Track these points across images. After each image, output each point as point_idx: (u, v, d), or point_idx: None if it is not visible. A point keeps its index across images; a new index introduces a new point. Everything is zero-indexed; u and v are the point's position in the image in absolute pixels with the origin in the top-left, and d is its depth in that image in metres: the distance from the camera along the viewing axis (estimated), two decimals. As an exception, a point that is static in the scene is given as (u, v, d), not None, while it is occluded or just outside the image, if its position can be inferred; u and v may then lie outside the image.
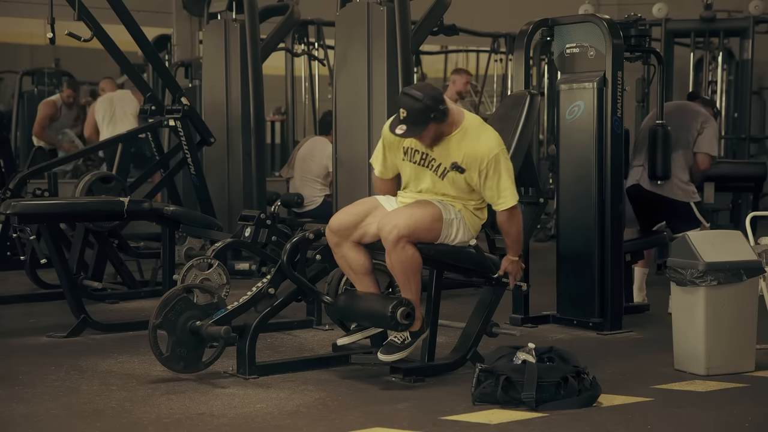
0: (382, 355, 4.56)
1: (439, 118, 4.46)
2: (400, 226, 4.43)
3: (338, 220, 4.63)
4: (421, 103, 4.42)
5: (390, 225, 4.44)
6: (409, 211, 4.51)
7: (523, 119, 4.98)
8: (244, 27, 7.75)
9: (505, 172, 4.52)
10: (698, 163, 6.43)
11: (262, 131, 7.87)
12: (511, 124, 4.99)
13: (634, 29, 6.09)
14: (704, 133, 6.44)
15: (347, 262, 4.67)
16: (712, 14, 10.52)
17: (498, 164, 4.49)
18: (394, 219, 4.47)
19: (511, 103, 5.13)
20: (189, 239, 6.71)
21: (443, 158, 4.55)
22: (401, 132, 4.47)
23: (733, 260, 4.73)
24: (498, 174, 4.50)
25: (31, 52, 13.61)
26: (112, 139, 8.77)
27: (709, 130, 6.46)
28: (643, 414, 4.13)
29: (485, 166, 4.49)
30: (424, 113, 4.42)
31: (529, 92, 5.12)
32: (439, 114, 4.45)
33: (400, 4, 6.36)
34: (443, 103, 4.47)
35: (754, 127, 11.75)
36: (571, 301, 5.94)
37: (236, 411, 4.15)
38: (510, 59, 11.79)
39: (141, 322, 5.35)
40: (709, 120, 6.49)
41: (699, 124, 6.44)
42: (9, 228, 6.77)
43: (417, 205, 4.55)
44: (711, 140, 6.46)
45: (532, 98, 5.06)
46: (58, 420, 4.06)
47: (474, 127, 4.55)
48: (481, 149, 4.49)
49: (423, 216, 4.50)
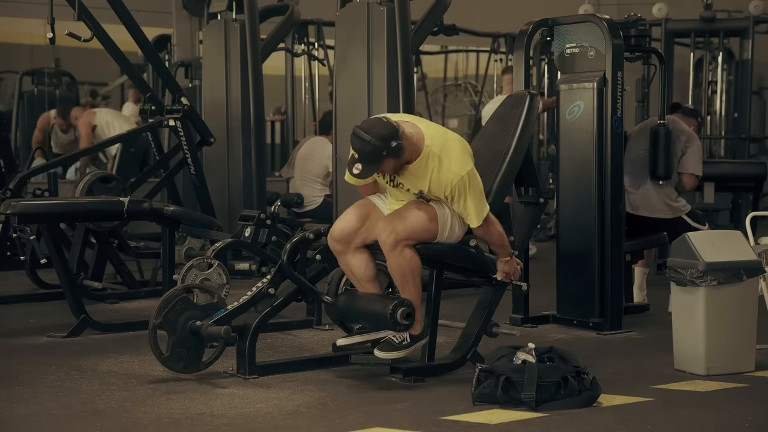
0: (378, 351, 4.57)
1: (393, 154, 4.35)
2: (398, 230, 4.43)
3: (339, 228, 4.62)
4: (370, 145, 4.31)
5: (387, 230, 4.45)
6: (405, 214, 4.50)
7: (523, 119, 4.97)
8: (244, 27, 7.76)
9: (470, 194, 4.44)
10: (683, 183, 6.52)
11: (262, 131, 7.88)
12: (511, 124, 4.98)
13: (634, 29, 6.10)
14: (688, 153, 6.50)
15: (351, 270, 4.68)
16: (712, 14, 10.52)
17: (462, 188, 4.43)
18: (392, 224, 4.47)
19: (511, 103, 5.13)
20: (189, 239, 6.71)
21: (410, 184, 4.51)
22: (357, 172, 4.40)
23: (733, 260, 4.73)
24: (463, 197, 4.44)
25: (31, 52, 13.60)
26: (112, 139, 8.78)
27: (693, 149, 6.51)
28: (643, 414, 4.13)
29: (449, 192, 4.44)
30: (375, 153, 4.32)
31: (529, 92, 5.12)
32: (392, 150, 4.33)
33: (400, 4, 6.36)
34: (396, 139, 4.32)
35: (754, 127, 11.75)
36: (571, 301, 5.94)
37: (236, 411, 4.15)
38: (510, 59, 11.80)
39: (141, 322, 5.35)
40: (691, 139, 6.54)
41: (682, 144, 6.49)
42: (9, 228, 6.78)
43: (411, 206, 4.53)
44: (695, 160, 6.52)
45: (532, 98, 5.05)
46: (58, 420, 4.06)
47: (435, 152, 4.41)
48: (444, 178, 4.41)
49: (419, 217, 4.50)
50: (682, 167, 6.49)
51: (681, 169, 6.49)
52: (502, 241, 4.67)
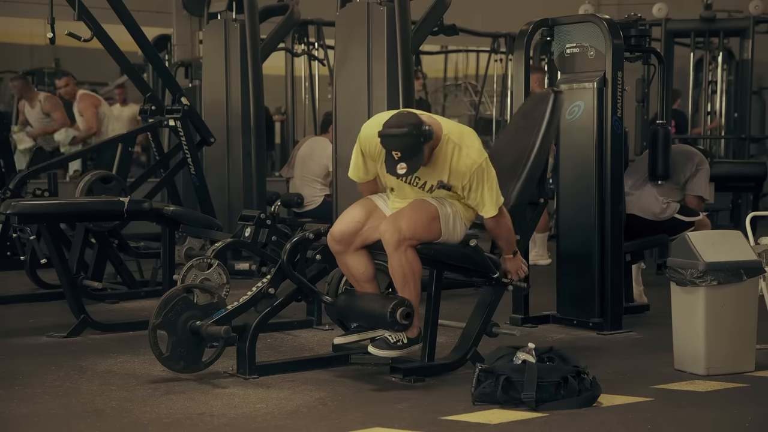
0: (372, 348, 4.56)
1: (428, 138, 4.37)
2: (402, 230, 4.43)
3: (340, 229, 4.62)
4: (409, 136, 4.31)
5: (391, 229, 4.44)
6: (408, 214, 4.49)
7: (547, 118, 4.98)
8: (244, 27, 7.75)
9: (487, 183, 4.47)
10: (689, 203, 6.53)
11: (262, 131, 7.87)
12: (534, 123, 5.00)
13: (634, 29, 6.09)
14: (698, 176, 6.52)
15: (350, 270, 4.68)
16: (712, 14, 10.52)
17: (481, 177, 4.45)
18: (396, 223, 4.46)
19: (535, 102, 5.13)
20: (189, 239, 6.70)
21: (429, 177, 4.50)
22: (403, 172, 4.35)
23: (733, 260, 4.73)
24: (481, 186, 4.47)
25: (31, 52, 13.62)
26: (112, 139, 8.77)
27: (703, 172, 6.54)
28: (643, 414, 4.13)
29: (468, 181, 4.46)
30: (415, 144, 4.32)
31: (553, 90, 5.12)
32: (427, 135, 4.35)
33: (400, 4, 6.36)
34: (424, 123, 4.37)
35: (754, 127, 11.76)
36: (571, 301, 5.94)
37: (236, 411, 4.15)
38: (510, 59, 11.79)
39: (141, 322, 5.34)
40: (703, 162, 6.58)
41: (694, 165, 6.50)
42: (9, 228, 6.77)
43: (415, 205, 4.53)
44: (705, 183, 6.54)
45: (556, 97, 5.06)
46: (58, 420, 4.06)
47: (453, 140, 4.44)
48: (464, 165, 4.42)
49: (422, 216, 4.49)
50: (690, 189, 6.51)
51: (690, 191, 6.52)
52: (509, 237, 4.69)
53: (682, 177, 6.50)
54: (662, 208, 6.39)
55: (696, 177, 6.51)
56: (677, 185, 6.51)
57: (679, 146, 6.94)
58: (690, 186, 6.51)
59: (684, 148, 6.81)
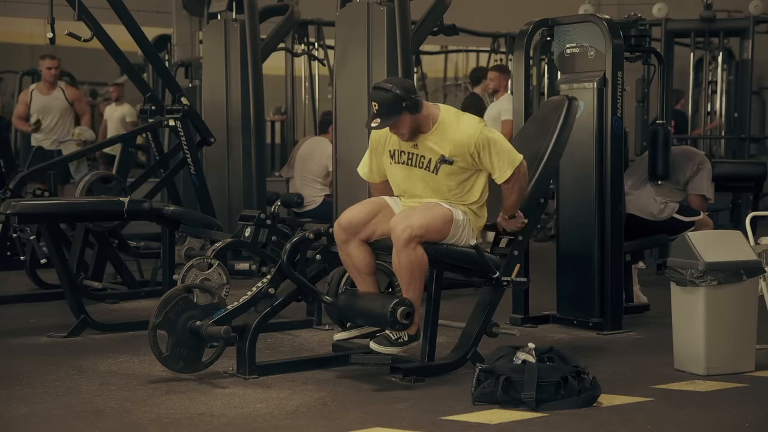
0: (374, 344, 4.57)
1: (411, 108, 4.50)
2: (414, 225, 4.43)
3: (348, 217, 4.63)
4: (391, 93, 4.49)
5: (403, 224, 4.44)
6: (422, 212, 4.51)
7: (561, 123, 5.05)
8: (244, 27, 7.75)
9: (493, 147, 4.55)
10: (691, 203, 6.51)
11: (262, 131, 7.87)
12: (548, 128, 5.06)
13: (634, 29, 6.09)
14: (699, 175, 6.52)
15: (352, 261, 4.67)
16: (712, 14, 10.52)
17: (485, 143, 4.54)
18: (408, 218, 4.46)
19: (550, 107, 5.19)
20: (189, 239, 6.70)
21: (430, 153, 4.59)
22: (376, 125, 4.54)
23: (733, 260, 4.73)
24: (488, 152, 4.55)
25: (31, 52, 13.59)
26: (112, 139, 8.78)
27: (705, 171, 6.55)
28: (643, 414, 4.13)
29: (473, 150, 4.54)
30: (395, 103, 4.48)
31: (568, 97, 5.15)
32: (411, 103, 4.50)
33: (400, 4, 6.36)
34: (414, 93, 4.52)
35: (754, 127, 11.75)
36: (571, 301, 5.94)
37: (236, 411, 4.15)
38: (510, 59, 11.80)
39: (141, 322, 5.34)
40: (705, 161, 6.59)
41: (695, 164, 6.51)
42: (9, 228, 6.77)
43: (428, 206, 4.56)
44: (707, 182, 6.54)
45: (571, 103, 5.09)
46: (58, 420, 4.06)
47: (451, 117, 4.60)
48: (464, 135, 4.54)
49: (435, 217, 4.51)
50: (692, 188, 6.51)
51: (692, 190, 6.52)
52: (518, 201, 4.73)
53: (683, 177, 6.50)
54: (660, 208, 6.40)
55: (698, 176, 6.51)
56: (677, 185, 6.50)
57: (681, 147, 6.94)
58: (692, 185, 6.51)
59: (685, 149, 6.82)
